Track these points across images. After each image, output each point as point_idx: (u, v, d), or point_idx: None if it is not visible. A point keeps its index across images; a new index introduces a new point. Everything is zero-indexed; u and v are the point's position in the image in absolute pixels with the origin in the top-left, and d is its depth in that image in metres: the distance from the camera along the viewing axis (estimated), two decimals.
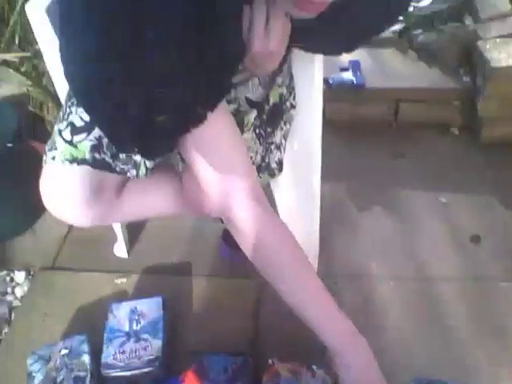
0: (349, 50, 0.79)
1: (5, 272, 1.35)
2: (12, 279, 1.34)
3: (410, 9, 1.68)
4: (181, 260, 1.30)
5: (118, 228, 1.30)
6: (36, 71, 1.21)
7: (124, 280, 1.27)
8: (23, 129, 1.34)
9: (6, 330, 1.21)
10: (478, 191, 1.39)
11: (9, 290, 1.31)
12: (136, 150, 0.72)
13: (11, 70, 1.15)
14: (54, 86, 1.21)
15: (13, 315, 1.24)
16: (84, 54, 0.56)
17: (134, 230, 1.38)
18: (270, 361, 0.96)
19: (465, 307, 1.13)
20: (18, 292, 1.30)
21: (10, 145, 1.26)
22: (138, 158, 0.81)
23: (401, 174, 1.47)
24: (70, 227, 1.43)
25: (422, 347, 1.05)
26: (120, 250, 1.34)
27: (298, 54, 0.87)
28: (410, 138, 1.58)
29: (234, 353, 1.01)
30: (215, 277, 1.25)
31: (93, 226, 0.87)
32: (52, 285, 1.28)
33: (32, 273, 1.34)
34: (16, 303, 1.28)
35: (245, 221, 0.72)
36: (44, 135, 1.36)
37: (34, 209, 1.48)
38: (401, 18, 1.64)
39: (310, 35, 0.64)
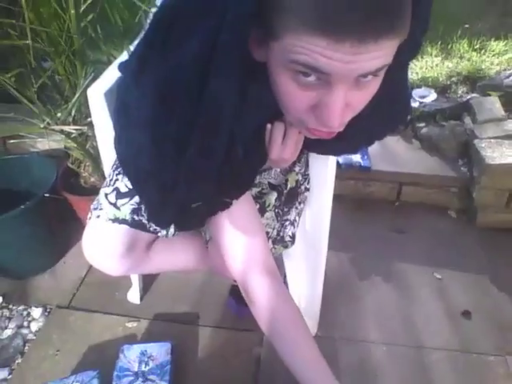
0: (354, 152, 0.93)
1: (22, 307, 1.44)
2: (29, 314, 1.42)
3: (416, 104, 1.88)
4: (189, 310, 1.38)
5: (134, 276, 1.40)
6: (82, 137, 1.38)
7: (135, 324, 1.34)
8: (59, 181, 1.49)
9: (19, 360, 1.27)
10: (472, 270, 1.48)
11: (25, 323, 1.39)
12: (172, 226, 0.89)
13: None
14: (94, 149, 1.37)
15: (26, 347, 1.31)
16: (137, 151, 0.71)
17: (148, 279, 1.47)
18: None
19: (453, 377, 1.19)
20: (33, 326, 1.38)
21: (46, 195, 1.40)
22: None
23: (401, 248, 1.57)
24: (88, 270, 1.53)
25: None
26: (133, 296, 1.43)
27: None
28: (410, 217, 1.70)
29: None
30: (221, 328, 1.32)
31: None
32: (67, 323, 1.35)
33: (49, 310, 1.42)
34: (30, 337, 1.35)
35: (258, 293, 0.82)
36: (76, 188, 1.52)
37: (56, 251, 1.60)
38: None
39: (319, 146, 0.80)
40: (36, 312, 1.42)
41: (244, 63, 0.59)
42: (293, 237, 1.02)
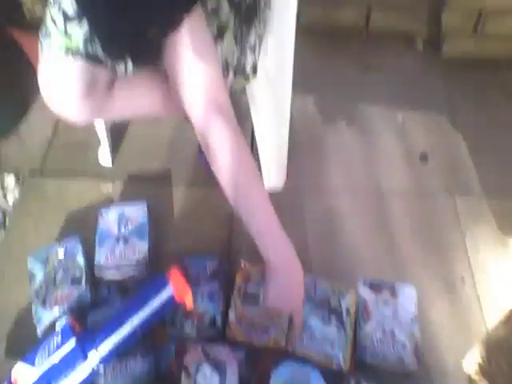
0: None
1: None
2: (2, 185, 1.42)
3: None
4: (162, 168, 1.40)
5: (102, 135, 1.36)
6: None
7: (110, 186, 1.36)
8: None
9: (2, 235, 1.31)
10: (432, 109, 1.49)
11: (0, 194, 1.40)
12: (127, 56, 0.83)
13: None
14: None
15: (7, 220, 1.35)
16: None
17: (117, 138, 1.45)
18: (242, 264, 1.12)
19: (409, 219, 1.29)
20: (10, 198, 1.39)
21: None
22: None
23: (365, 87, 1.55)
24: (54, 131, 1.48)
25: (370, 251, 1.22)
26: (104, 158, 1.42)
27: None
28: (377, 50, 1.64)
29: (210, 254, 1.15)
30: (193, 186, 1.36)
31: (81, 126, 0.98)
32: (41, 191, 1.36)
33: (21, 178, 1.41)
34: (9, 208, 1.38)
35: (214, 138, 0.83)
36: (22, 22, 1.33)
37: (19, 110, 1.51)
38: None
39: None
40: (9, 180, 1.41)
41: None
42: (254, 67, 1.00)
